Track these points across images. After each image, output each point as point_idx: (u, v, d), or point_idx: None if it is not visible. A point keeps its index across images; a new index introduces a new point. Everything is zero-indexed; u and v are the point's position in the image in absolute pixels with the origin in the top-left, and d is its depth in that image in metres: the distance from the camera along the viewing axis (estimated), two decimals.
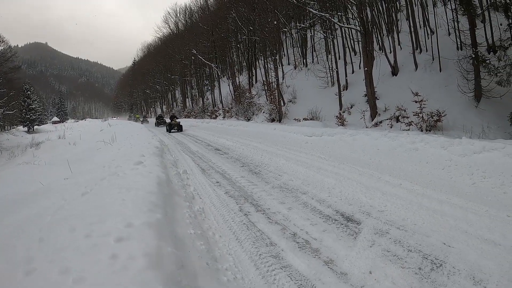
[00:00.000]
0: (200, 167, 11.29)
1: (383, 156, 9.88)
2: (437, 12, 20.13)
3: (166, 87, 76.92)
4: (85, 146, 20.49)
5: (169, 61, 65.03)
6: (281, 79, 29.78)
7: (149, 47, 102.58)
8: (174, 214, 5.61)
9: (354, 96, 21.27)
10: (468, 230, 4.89)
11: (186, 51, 52.92)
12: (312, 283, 4.01)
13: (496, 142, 7.96)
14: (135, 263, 3.35)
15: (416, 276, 3.95)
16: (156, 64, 75.48)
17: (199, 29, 49.26)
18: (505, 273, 3.82)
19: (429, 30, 20.78)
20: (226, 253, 4.92)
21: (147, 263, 3.35)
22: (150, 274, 3.21)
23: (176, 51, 59.16)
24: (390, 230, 5.16)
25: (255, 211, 6.56)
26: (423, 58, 19.42)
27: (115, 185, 6.38)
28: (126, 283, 3.05)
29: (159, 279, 3.17)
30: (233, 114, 33.76)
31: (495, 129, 12.31)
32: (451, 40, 17.87)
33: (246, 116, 30.21)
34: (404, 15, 23.37)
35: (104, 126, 44.09)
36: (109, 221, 4.36)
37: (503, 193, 6.28)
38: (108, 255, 3.45)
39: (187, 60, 55.37)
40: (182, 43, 56.19)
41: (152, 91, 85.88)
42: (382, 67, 20.37)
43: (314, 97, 24.51)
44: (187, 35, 56.81)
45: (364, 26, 17.12)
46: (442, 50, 17.72)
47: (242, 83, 38.19)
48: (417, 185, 7.13)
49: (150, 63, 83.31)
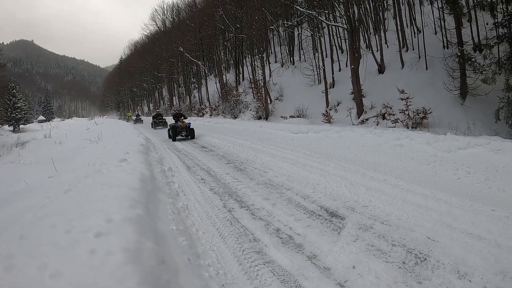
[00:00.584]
0: (186, 164, 11.26)
1: (369, 153, 9.87)
2: (424, 11, 20.20)
3: (153, 85, 76.48)
4: (71, 145, 20.33)
5: (156, 59, 64.59)
6: (268, 77, 29.77)
7: (136, 44, 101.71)
8: (156, 211, 5.54)
9: (340, 94, 21.30)
10: (453, 224, 4.87)
11: (173, 49, 52.58)
12: (295, 278, 3.99)
13: (481, 138, 8.00)
14: (113, 258, 3.28)
15: (400, 270, 3.94)
16: (143, 62, 74.94)
17: (187, 26, 48.85)
18: (490, 266, 3.80)
19: (415, 29, 20.87)
20: (209, 249, 4.87)
21: (125, 258, 3.30)
22: (128, 269, 3.14)
23: (163, 48, 58.69)
24: (374, 225, 5.14)
25: (239, 207, 6.53)
26: (409, 56, 19.50)
27: (98, 182, 6.29)
28: (103, 278, 3.00)
29: (137, 274, 3.12)
30: (220, 112, 33.60)
31: (481, 126, 12.38)
32: (438, 38, 17.94)
33: (233, 114, 30.08)
34: (391, 14, 23.44)
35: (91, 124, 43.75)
36: (90, 217, 4.27)
37: (487, 188, 6.30)
38: (87, 251, 3.39)
39: (174, 58, 55.13)
40: (169, 40, 55.81)
41: (139, 89, 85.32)
42: (369, 65, 20.46)
43: (301, 95, 24.49)
44: (174, 33, 56.50)
45: (351, 24, 17.15)
46: (428, 49, 17.79)
47: (229, 81, 38.10)
48: (402, 181, 7.11)
49: (137, 61, 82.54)
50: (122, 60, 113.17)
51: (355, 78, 17.09)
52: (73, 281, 2.96)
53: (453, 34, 15.57)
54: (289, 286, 3.87)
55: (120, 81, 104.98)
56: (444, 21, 17.42)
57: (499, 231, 4.56)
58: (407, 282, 3.73)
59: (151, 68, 70.71)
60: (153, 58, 67.13)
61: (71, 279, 2.98)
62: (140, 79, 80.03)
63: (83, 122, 69.81)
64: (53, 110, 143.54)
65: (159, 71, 65.21)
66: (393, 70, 19.89)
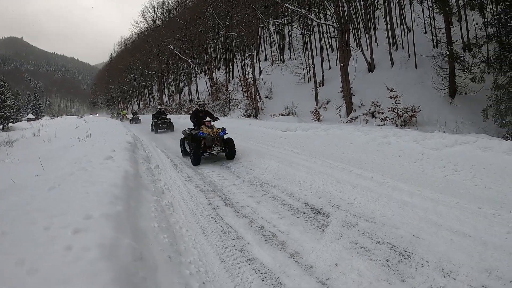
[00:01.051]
0: (173, 162, 11.23)
1: (356, 150, 9.84)
2: (414, 10, 20.27)
3: (143, 83, 76.19)
4: (60, 143, 20.07)
5: (146, 56, 64.30)
6: (258, 75, 29.80)
7: (126, 42, 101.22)
8: (138, 208, 5.50)
9: (330, 92, 21.30)
10: (438, 222, 4.83)
11: (163, 47, 52.38)
12: (277, 276, 3.95)
13: (468, 136, 7.98)
14: (88, 254, 3.25)
15: (383, 268, 3.89)
16: (133, 60, 74.59)
17: (177, 24, 48.72)
18: (475, 264, 3.74)
19: (405, 28, 20.94)
20: (192, 246, 4.84)
21: (100, 254, 3.27)
22: (102, 265, 3.11)
23: (153, 46, 58.35)
24: (359, 223, 5.09)
25: (224, 205, 6.51)
26: (399, 55, 19.56)
27: (82, 179, 6.27)
28: (76, 273, 2.95)
29: (111, 270, 3.07)
30: (210, 110, 33.46)
31: (469, 125, 12.41)
32: (427, 38, 17.96)
33: (223, 112, 30.02)
34: (381, 13, 23.50)
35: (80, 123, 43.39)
36: (69, 213, 4.24)
37: (474, 185, 6.27)
38: (63, 247, 3.36)
39: (164, 55, 54.92)
40: (160, 38, 55.63)
41: (129, 87, 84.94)
42: (359, 63, 20.48)
43: (290, 93, 24.49)
44: (165, 30, 56.40)
45: (341, 22, 17.17)
46: (418, 48, 17.86)
47: (219, 79, 38.08)
48: (388, 178, 7.09)
49: (127, 58, 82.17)
50: (112, 57, 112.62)
51: (344, 76, 17.09)
52: (48, 277, 2.91)
53: (442, 33, 15.60)
54: (270, 284, 3.82)
55: (110, 79, 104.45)
56: (434, 21, 17.43)
57: (485, 228, 4.51)
58: (390, 280, 3.67)
59: (141, 66, 70.33)
60: (143, 55, 66.76)
61: (46, 275, 2.94)
62: (130, 77, 79.73)
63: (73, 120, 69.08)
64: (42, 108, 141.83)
65: (149, 69, 65.00)
66: (382, 68, 19.94)
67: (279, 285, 3.79)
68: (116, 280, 2.98)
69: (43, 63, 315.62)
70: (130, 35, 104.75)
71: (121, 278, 3.04)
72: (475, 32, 15.20)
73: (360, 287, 3.62)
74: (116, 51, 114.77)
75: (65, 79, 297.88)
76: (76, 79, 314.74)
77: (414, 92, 15.63)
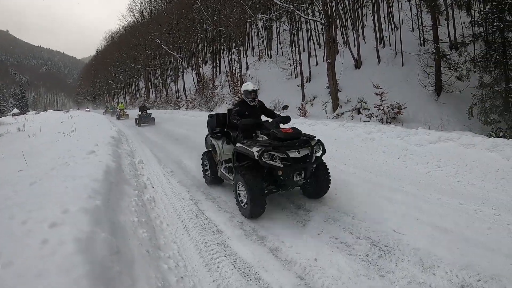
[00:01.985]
0: (157, 157, 11.20)
1: (340, 146, 9.82)
2: (402, 8, 20.31)
3: (130, 78, 75.53)
4: (45, 138, 19.85)
5: (133, 50, 63.70)
6: (244, 70, 29.76)
7: (113, 36, 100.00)
8: (119, 202, 5.45)
9: (317, 88, 21.26)
10: (420, 217, 4.84)
11: (150, 41, 51.91)
12: (255, 271, 3.96)
13: (452, 133, 8.03)
14: (63, 248, 3.21)
15: (362, 263, 3.90)
16: (120, 54, 73.97)
17: (164, 18, 48.23)
18: (456, 260, 3.76)
19: (393, 26, 20.97)
20: (172, 241, 4.82)
21: (76, 248, 3.22)
22: (77, 259, 3.07)
23: (140, 40, 57.90)
24: (340, 218, 5.08)
25: (206, 200, 6.51)
26: (386, 52, 19.58)
27: (63, 174, 6.21)
28: (51, 267, 2.92)
29: (86, 264, 3.03)
30: (197, 105, 33.35)
31: (454, 122, 12.46)
32: (414, 36, 17.99)
33: (209, 107, 29.87)
34: (369, 10, 23.53)
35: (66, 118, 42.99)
36: (47, 208, 4.18)
37: (457, 181, 6.29)
38: (40, 241, 3.32)
39: (151, 50, 54.49)
40: (147, 32, 55.12)
41: (115, 82, 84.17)
42: (346, 60, 20.46)
43: (277, 89, 24.41)
44: (152, 24, 55.93)
45: (328, 19, 17.11)
46: (405, 45, 17.90)
47: (206, 74, 37.87)
48: (372, 174, 7.14)
49: (114, 52, 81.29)
50: (99, 51, 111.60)
51: (331, 72, 17.06)
52: (22, 270, 2.90)
53: (429, 32, 15.65)
54: (249, 278, 3.82)
55: (97, 73, 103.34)
56: (421, 19, 17.48)
57: (466, 224, 4.53)
58: (369, 275, 3.67)
59: (128, 60, 69.72)
60: (130, 49, 66.10)
61: (21, 268, 2.93)
62: (117, 71, 78.93)
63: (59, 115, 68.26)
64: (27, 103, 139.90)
65: (136, 63, 64.37)
66: (369, 65, 19.95)
67: (257, 280, 3.77)
68: (91, 273, 2.95)
69: (29, 57, 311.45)
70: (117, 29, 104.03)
71: (95, 272, 3.01)
72: (462, 31, 15.27)
73: (339, 282, 3.59)
74: (102, 44, 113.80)
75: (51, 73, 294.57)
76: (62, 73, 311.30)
77: (400, 89, 15.65)
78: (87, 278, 2.88)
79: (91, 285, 2.84)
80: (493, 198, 5.34)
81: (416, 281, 3.49)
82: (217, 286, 3.73)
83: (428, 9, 15.57)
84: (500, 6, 10.43)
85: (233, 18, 29.23)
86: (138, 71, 66.69)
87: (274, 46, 32.85)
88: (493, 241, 4.07)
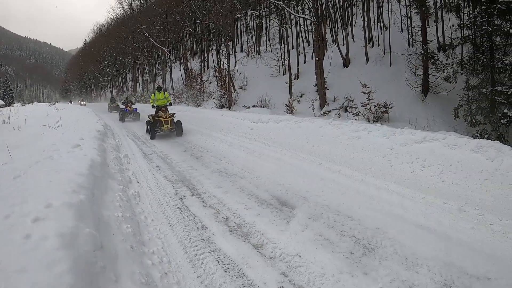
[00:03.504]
0: (143, 152, 11.16)
1: (326, 143, 9.84)
2: (392, 9, 20.46)
3: (117, 71, 74.90)
4: (30, 131, 19.61)
5: (121, 43, 63.25)
6: (233, 65, 29.61)
7: (101, 28, 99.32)
8: (103, 197, 5.43)
9: (304, 86, 21.30)
10: (404, 216, 4.88)
11: (138, 34, 51.52)
12: (239, 267, 3.95)
13: (437, 133, 8.05)
14: (46, 242, 3.19)
15: (346, 261, 3.90)
16: (108, 46, 73.38)
17: (153, 11, 47.92)
18: (439, 259, 3.79)
19: (382, 26, 21.05)
20: (156, 236, 4.79)
21: (59, 243, 3.21)
22: (60, 254, 3.05)
23: (128, 33, 57.48)
24: (325, 215, 5.10)
25: (191, 195, 6.49)
26: (374, 52, 19.67)
27: (47, 168, 6.16)
28: (34, 262, 2.91)
29: (69, 259, 3.01)
30: (184, 100, 33.18)
31: (440, 123, 12.56)
32: (403, 36, 18.08)
33: (196, 102, 29.69)
34: (359, 10, 23.61)
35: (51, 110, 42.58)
36: (31, 202, 4.15)
37: (441, 181, 6.31)
38: (22, 235, 3.30)
39: (139, 43, 54.10)
40: (135, 25, 54.71)
41: (102, 75, 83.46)
42: (334, 58, 20.52)
43: (265, 85, 24.43)
44: (141, 17, 55.53)
45: (318, 16, 17.15)
46: (393, 46, 17.98)
47: (194, 69, 37.58)
48: (357, 172, 7.13)
49: (101, 45, 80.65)
50: (86, 43, 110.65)
51: (319, 70, 17.09)
52: (3, 266, 2.86)
53: (418, 33, 15.76)
54: (233, 275, 3.80)
55: (84, 65, 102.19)
56: (410, 20, 17.61)
57: (450, 223, 4.56)
58: (353, 272, 3.67)
59: (116, 53, 69.11)
60: (118, 42, 65.60)
61: (2, 264, 2.88)
62: (104, 63, 78.26)
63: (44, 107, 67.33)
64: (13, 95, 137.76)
65: (123, 56, 63.85)
66: (357, 64, 20.04)
67: (241, 276, 3.76)
68: (74, 269, 2.93)
69: (15, 47, 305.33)
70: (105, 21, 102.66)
71: (78, 267, 3.01)
72: (451, 33, 15.33)
73: (323, 279, 3.59)
74: (90, 36, 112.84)
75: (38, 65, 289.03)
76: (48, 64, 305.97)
77: (388, 88, 15.75)
78: (70, 273, 2.86)
79: (74, 280, 2.81)
80: (477, 198, 5.37)
81: (399, 279, 3.49)
82: (201, 282, 3.70)
83: (418, 11, 15.67)
84: (489, 10, 10.50)
85: (223, 13, 29.12)
86: (125, 64, 66.17)
87: (263, 43, 32.81)
88: (476, 241, 4.10)
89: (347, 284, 3.50)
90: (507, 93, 10.16)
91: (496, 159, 6.10)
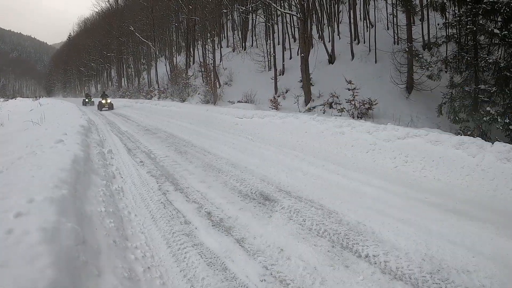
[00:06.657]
0: (127, 147, 11.01)
1: (310, 139, 9.89)
2: (378, 7, 20.62)
3: (102, 65, 74.27)
4: (14, 126, 19.50)
5: (106, 37, 62.58)
6: (218, 61, 29.63)
7: (86, 21, 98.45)
8: (86, 192, 5.41)
9: (290, 81, 21.39)
10: (386, 210, 4.90)
11: (124, 28, 51.09)
12: (222, 261, 3.94)
13: (420, 130, 8.14)
14: (28, 237, 3.19)
15: (328, 254, 3.91)
16: (93, 40, 72.65)
17: (139, 5, 47.65)
18: (420, 252, 3.83)
19: (368, 23, 21.21)
20: (139, 231, 4.75)
21: (41, 238, 3.20)
22: (42, 248, 3.04)
23: (114, 27, 56.93)
24: (307, 209, 5.10)
25: (174, 190, 6.44)
26: (360, 48, 19.83)
27: (29, 163, 6.12)
28: (15, 257, 2.90)
29: (51, 254, 3.01)
30: (169, 95, 33.13)
31: (424, 120, 12.69)
32: (389, 34, 18.23)
33: (181, 97, 29.72)
34: (346, 7, 23.74)
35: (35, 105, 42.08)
36: (13, 197, 4.13)
37: (423, 176, 6.40)
38: (4, 230, 3.28)
39: (124, 37, 53.63)
40: (121, 19, 54.28)
41: (87, 69, 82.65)
42: (320, 55, 20.65)
43: (250, 81, 24.48)
44: (127, 11, 55.16)
45: (304, 13, 17.22)
46: (379, 43, 18.13)
47: (179, 64, 37.46)
48: (340, 167, 7.18)
49: (86, 39, 79.84)
50: (71, 37, 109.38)
51: (304, 66, 17.17)
52: None
53: (403, 31, 15.96)
54: (215, 268, 3.79)
55: (68, 60, 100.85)
56: (396, 18, 17.79)
57: (431, 218, 4.60)
58: (334, 265, 3.68)
59: (100, 47, 68.45)
60: (103, 36, 64.91)
61: None
62: (89, 58, 77.45)
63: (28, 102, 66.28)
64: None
65: (108, 50, 63.28)
66: (343, 61, 20.17)
67: (224, 270, 3.76)
68: (56, 263, 2.92)
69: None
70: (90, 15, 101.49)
71: (60, 262, 2.99)
72: (436, 32, 15.58)
73: (304, 272, 3.60)
74: (75, 30, 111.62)
75: (21, 59, 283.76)
76: (32, 59, 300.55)
77: (372, 85, 15.86)
78: (52, 267, 2.85)
79: (56, 274, 2.79)
80: (458, 193, 5.45)
81: (380, 272, 3.52)
82: (184, 276, 3.69)
83: (404, 9, 15.84)
84: (474, 9, 10.60)
85: (209, 8, 29.08)
86: (110, 58, 65.56)
87: (249, 38, 32.84)
88: (457, 235, 4.15)
89: (328, 277, 3.50)
90: (490, 92, 10.32)
91: (478, 155, 6.18)
